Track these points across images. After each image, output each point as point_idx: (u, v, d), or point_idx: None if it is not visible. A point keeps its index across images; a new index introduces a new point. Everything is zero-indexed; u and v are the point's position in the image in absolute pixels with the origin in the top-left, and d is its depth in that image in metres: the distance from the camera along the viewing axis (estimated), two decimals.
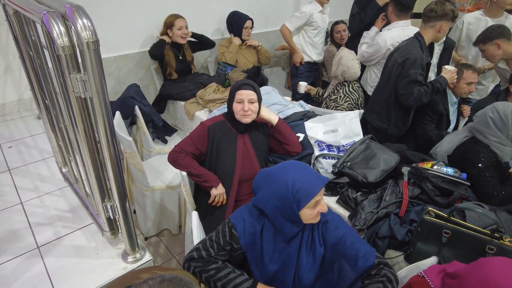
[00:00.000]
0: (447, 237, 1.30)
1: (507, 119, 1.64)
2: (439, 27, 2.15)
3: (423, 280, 1.06)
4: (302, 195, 1.09)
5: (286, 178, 1.11)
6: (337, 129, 1.81)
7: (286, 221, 1.15)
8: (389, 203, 1.52)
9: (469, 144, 1.79)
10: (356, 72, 2.51)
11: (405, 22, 2.57)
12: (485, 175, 1.65)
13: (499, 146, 1.69)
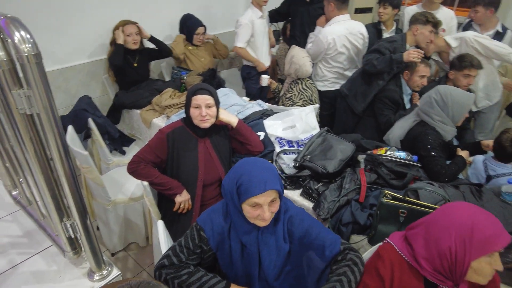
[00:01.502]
0: (404, 217, 1.39)
1: (447, 100, 1.82)
2: (414, 30, 2.44)
3: (388, 245, 1.15)
4: (243, 191, 1.10)
5: (240, 170, 1.14)
6: (295, 124, 1.86)
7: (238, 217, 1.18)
8: (349, 190, 1.59)
9: (418, 127, 1.94)
10: (308, 69, 2.59)
11: (344, 16, 2.68)
12: (434, 155, 1.80)
13: (442, 126, 1.86)
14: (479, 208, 1.02)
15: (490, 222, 0.96)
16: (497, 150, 1.92)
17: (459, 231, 0.97)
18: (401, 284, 1.10)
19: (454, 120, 1.86)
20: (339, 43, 2.65)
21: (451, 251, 0.98)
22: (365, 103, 2.54)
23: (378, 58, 2.37)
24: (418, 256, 1.07)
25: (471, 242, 0.95)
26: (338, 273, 1.14)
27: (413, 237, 1.11)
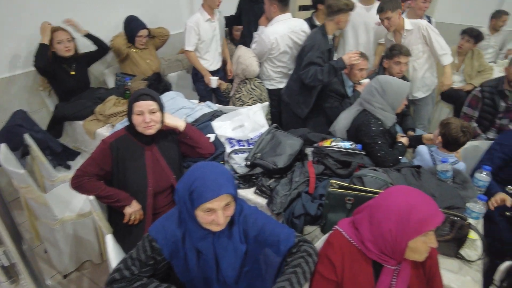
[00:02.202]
0: (350, 203, 1.45)
1: (386, 87, 1.94)
2: (337, 20, 2.48)
3: (337, 232, 1.20)
4: (196, 196, 1.09)
5: (193, 175, 1.12)
6: (243, 124, 1.87)
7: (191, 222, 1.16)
8: (299, 183, 1.63)
9: (361, 116, 2.04)
10: (255, 69, 2.60)
11: (285, 15, 2.72)
12: (377, 142, 1.90)
13: (383, 112, 1.97)
14: (416, 191, 1.09)
15: (425, 204, 1.04)
16: (448, 142, 1.92)
17: (398, 214, 1.03)
18: (351, 268, 1.15)
19: (394, 107, 1.98)
20: (282, 42, 2.68)
21: (391, 233, 1.05)
22: (308, 108, 2.66)
23: (321, 71, 2.38)
24: (364, 239, 1.13)
25: (408, 223, 1.01)
26: (293, 265, 1.16)
27: (359, 222, 1.16)
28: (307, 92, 2.61)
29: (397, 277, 1.10)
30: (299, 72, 2.53)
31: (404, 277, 1.10)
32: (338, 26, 2.53)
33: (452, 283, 1.32)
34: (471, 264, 1.39)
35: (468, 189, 1.70)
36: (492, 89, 2.51)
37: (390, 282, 1.11)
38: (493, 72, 3.52)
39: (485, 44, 4.16)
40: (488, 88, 2.53)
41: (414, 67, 2.86)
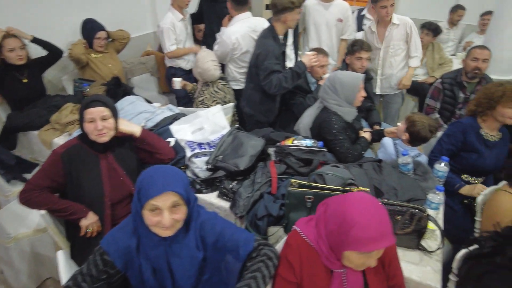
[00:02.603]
0: (310, 202, 1.44)
1: (335, 84, 1.96)
2: (284, 19, 2.31)
3: (294, 231, 1.18)
4: (142, 194, 1.06)
5: (142, 176, 1.10)
6: (203, 126, 1.82)
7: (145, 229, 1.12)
8: (261, 184, 1.60)
9: (322, 114, 2.04)
10: (214, 73, 2.53)
11: (244, 14, 2.69)
12: (339, 138, 1.90)
13: (340, 108, 1.98)
14: (375, 209, 1.02)
15: (373, 226, 0.97)
16: (415, 139, 1.96)
17: (342, 223, 1.00)
18: (309, 267, 1.13)
19: (349, 101, 1.98)
20: (243, 42, 2.65)
21: (332, 234, 1.04)
22: (274, 114, 2.58)
23: (284, 79, 2.27)
24: (319, 238, 1.11)
25: (347, 237, 0.98)
26: (252, 269, 1.13)
27: (318, 219, 1.15)
28: (269, 99, 2.50)
29: (347, 281, 1.09)
30: (258, 82, 2.37)
31: (353, 279, 1.09)
32: (286, 26, 2.37)
33: (413, 275, 1.32)
34: (431, 254, 1.41)
35: (429, 180, 1.73)
36: (451, 80, 2.58)
37: (342, 285, 1.10)
38: (452, 64, 3.63)
39: (445, 37, 4.30)
40: (448, 80, 2.60)
41: (391, 63, 2.92)
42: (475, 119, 1.99)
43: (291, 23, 2.37)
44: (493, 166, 1.98)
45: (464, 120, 2.05)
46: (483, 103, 1.92)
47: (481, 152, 1.94)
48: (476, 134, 1.96)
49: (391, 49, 2.87)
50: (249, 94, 2.57)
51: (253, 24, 2.64)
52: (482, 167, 1.97)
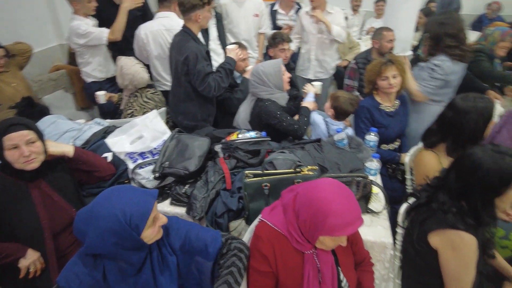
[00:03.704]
0: (267, 189, 1.48)
1: (260, 75, 2.09)
2: (195, 18, 2.18)
3: (262, 223, 1.21)
4: (137, 220, 1.02)
5: (113, 210, 1.00)
6: (142, 135, 1.74)
7: (131, 251, 1.05)
8: (215, 182, 1.60)
9: (258, 105, 2.12)
10: (144, 76, 2.42)
11: (164, 13, 2.65)
12: (283, 118, 2.05)
13: (272, 96, 2.11)
14: (344, 193, 1.08)
15: (346, 212, 1.04)
16: (339, 113, 2.18)
17: (316, 212, 1.06)
18: (282, 254, 1.17)
19: (279, 87, 2.13)
20: (152, 37, 2.60)
21: (306, 223, 1.09)
22: (214, 114, 2.53)
23: (221, 79, 2.23)
24: (289, 223, 1.16)
25: (322, 225, 1.04)
26: (227, 265, 1.14)
27: (286, 206, 1.19)
28: (207, 103, 2.42)
29: (318, 259, 1.17)
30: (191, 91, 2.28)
31: (324, 258, 1.16)
32: (200, 25, 2.24)
33: (368, 236, 1.46)
34: (379, 215, 1.57)
35: (363, 151, 1.90)
36: (364, 60, 2.86)
37: (316, 265, 1.17)
38: (360, 46, 4.02)
39: (351, 23, 4.73)
40: (361, 60, 2.88)
41: (324, 49, 3.16)
42: (373, 97, 2.20)
43: (204, 22, 2.25)
44: (400, 130, 2.25)
45: (364, 102, 2.22)
46: (369, 81, 2.16)
47: (387, 124, 2.16)
48: (378, 110, 2.17)
49: (324, 35, 3.08)
50: (184, 108, 2.39)
51: (168, 24, 2.60)
52: (391, 135, 2.21)
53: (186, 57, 2.17)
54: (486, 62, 2.85)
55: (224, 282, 1.09)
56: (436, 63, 2.21)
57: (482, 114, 1.57)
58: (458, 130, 1.61)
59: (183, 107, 2.38)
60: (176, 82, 2.35)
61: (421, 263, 1.36)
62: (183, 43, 2.20)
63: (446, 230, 1.24)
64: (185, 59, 2.17)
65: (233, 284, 1.10)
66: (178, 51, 2.22)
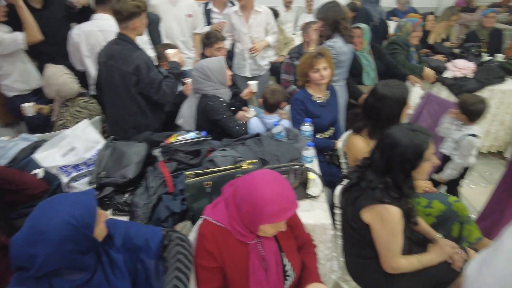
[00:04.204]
0: (210, 187, 1.50)
1: (205, 71, 2.14)
2: (133, 26, 2.07)
3: (204, 221, 1.23)
4: (88, 218, 1.02)
5: (62, 218, 0.98)
6: (74, 146, 1.66)
7: (86, 255, 1.04)
8: (156, 187, 1.58)
9: (203, 101, 2.18)
10: (72, 87, 2.28)
11: (100, 15, 2.56)
12: (226, 116, 2.13)
13: (217, 91, 2.17)
14: (279, 181, 1.14)
15: (281, 198, 1.10)
16: (265, 104, 2.33)
17: (254, 203, 1.11)
18: (227, 249, 1.20)
19: (223, 82, 2.22)
20: (84, 37, 2.52)
21: (247, 215, 1.14)
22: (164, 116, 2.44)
23: (172, 84, 2.14)
24: (231, 218, 1.19)
25: (262, 214, 1.10)
26: (173, 255, 1.17)
27: (227, 201, 1.22)
28: (158, 111, 2.26)
29: (262, 247, 1.22)
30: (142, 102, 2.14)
31: (268, 245, 1.22)
32: (137, 32, 2.12)
33: (309, 220, 1.55)
34: (317, 198, 1.67)
35: (300, 141, 2.00)
36: (297, 54, 2.98)
37: (260, 254, 1.22)
38: (294, 42, 4.18)
39: (284, 19, 4.89)
40: (295, 54, 2.99)
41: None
42: (305, 90, 2.32)
43: (141, 29, 2.14)
44: (332, 119, 2.40)
45: (298, 94, 2.32)
46: (302, 74, 2.27)
47: (320, 114, 2.28)
48: (311, 102, 2.28)
49: (256, 34, 3.14)
50: (136, 122, 2.18)
51: (103, 25, 2.51)
52: (325, 124, 2.34)
53: (136, 67, 2.03)
54: (400, 54, 3.15)
55: (175, 269, 1.11)
56: (328, 44, 2.50)
57: (397, 100, 1.73)
58: (377, 114, 1.76)
59: (135, 121, 2.19)
60: (123, 94, 2.13)
61: (359, 238, 1.48)
62: (128, 52, 2.06)
63: (375, 205, 1.36)
64: (136, 69, 2.04)
65: (184, 269, 1.13)
66: (124, 61, 2.05)
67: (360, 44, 2.88)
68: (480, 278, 0.81)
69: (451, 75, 3.31)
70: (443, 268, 1.51)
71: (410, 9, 5.50)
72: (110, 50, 2.11)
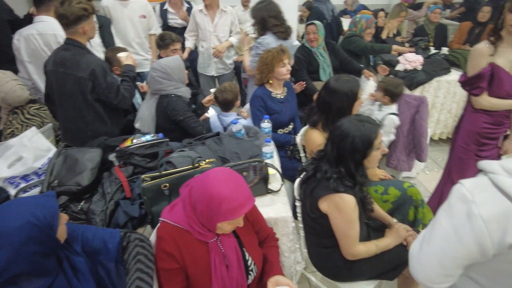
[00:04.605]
0: (168, 189, 1.48)
1: (166, 69, 2.13)
2: (82, 30, 1.94)
3: (162, 223, 1.22)
4: (51, 218, 1.00)
5: (24, 218, 0.95)
6: (21, 156, 1.57)
7: (48, 257, 1.01)
8: (113, 193, 1.53)
9: (164, 101, 2.17)
10: (21, 94, 2.16)
11: (39, 17, 2.46)
12: (188, 116, 2.14)
13: (178, 90, 2.18)
14: (233, 178, 1.15)
15: (237, 195, 1.11)
16: (220, 104, 2.37)
17: (210, 202, 1.11)
18: (188, 249, 1.19)
19: (182, 81, 2.24)
20: (24, 42, 2.40)
21: (203, 213, 1.14)
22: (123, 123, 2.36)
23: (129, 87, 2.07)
24: (189, 219, 1.18)
25: (218, 212, 1.10)
26: (133, 255, 1.15)
27: (184, 201, 1.21)
28: (116, 116, 2.18)
29: (222, 245, 1.23)
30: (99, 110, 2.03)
31: (228, 242, 1.23)
32: (87, 36, 2.00)
33: (270, 214, 1.57)
34: (278, 193, 1.69)
35: (260, 138, 2.02)
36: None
37: (220, 251, 1.22)
38: (253, 41, 4.21)
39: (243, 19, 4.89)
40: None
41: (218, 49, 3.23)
42: (264, 87, 2.35)
43: (91, 32, 2.02)
44: (291, 115, 2.45)
45: (256, 92, 2.35)
46: (264, 70, 2.29)
47: (280, 110, 2.33)
48: (270, 98, 2.33)
49: (221, 33, 3.14)
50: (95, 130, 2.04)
51: (42, 28, 2.40)
52: (285, 120, 2.39)
53: (91, 73, 1.92)
54: (362, 41, 3.28)
55: (137, 270, 1.10)
56: (258, 41, 2.65)
57: (347, 94, 1.80)
58: (328, 107, 1.83)
59: (94, 129, 2.06)
60: (78, 103, 2.00)
61: (318, 228, 1.53)
62: (80, 57, 1.94)
63: (330, 195, 1.41)
64: (91, 74, 1.93)
65: (146, 269, 1.12)
66: (77, 67, 1.93)
67: (316, 41, 2.96)
68: (421, 255, 0.86)
69: (402, 68, 3.48)
70: (399, 251, 1.59)
71: (359, 6, 5.72)
72: (59, 57, 1.97)
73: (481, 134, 2.07)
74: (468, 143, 2.13)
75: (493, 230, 0.69)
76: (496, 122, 2.03)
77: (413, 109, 2.71)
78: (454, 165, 2.26)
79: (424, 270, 0.85)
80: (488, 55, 1.87)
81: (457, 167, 2.23)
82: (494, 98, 1.95)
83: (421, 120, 2.69)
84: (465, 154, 2.16)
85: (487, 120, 2.03)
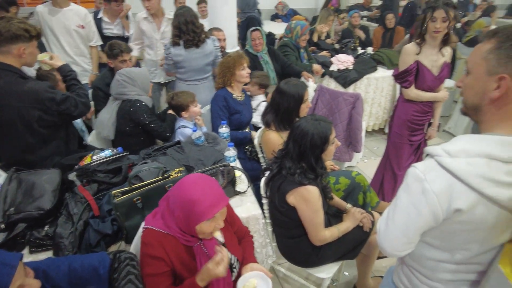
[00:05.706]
0: (140, 202, 1.48)
1: (131, 75, 2.24)
2: (17, 52, 1.73)
3: (147, 230, 1.25)
4: None
5: None
6: None
7: None
8: (80, 213, 1.48)
9: (126, 106, 2.22)
10: None
11: None
12: (152, 121, 2.22)
13: (141, 97, 2.25)
14: (204, 182, 1.21)
15: (208, 196, 1.17)
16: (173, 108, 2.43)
17: (184, 206, 1.17)
18: (174, 253, 1.23)
19: (146, 90, 2.33)
20: None
21: (180, 219, 1.19)
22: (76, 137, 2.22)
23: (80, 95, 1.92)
24: (169, 228, 1.22)
25: (193, 214, 1.16)
26: (123, 275, 1.14)
27: (164, 211, 1.25)
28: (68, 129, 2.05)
29: (206, 248, 1.28)
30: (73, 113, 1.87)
31: (211, 245, 1.28)
32: (23, 61, 1.79)
33: (242, 214, 1.65)
34: (245, 193, 1.79)
35: (220, 143, 2.09)
36: None
37: (205, 254, 1.27)
38: None
39: None
40: None
41: None
42: (225, 89, 2.45)
43: (29, 59, 1.80)
44: (250, 116, 2.59)
45: (219, 92, 2.45)
46: (226, 73, 2.40)
47: (241, 110, 2.46)
48: (232, 100, 2.44)
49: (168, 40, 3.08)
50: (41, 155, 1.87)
51: None
52: (245, 120, 2.52)
53: (36, 101, 1.74)
54: (292, 55, 3.51)
55: None
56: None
57: (293, 95, 1.97)
58: (278, 108, 2.00)
59: (41, 155, 1.88)
60: (20, 133, 1.80)
61: (287, 220, 1.65)
62: (17, 86, 1.72)
63: (297, 188, 1.54)
64: (37, 103, 1.74)
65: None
66: (17, 97, 1.71)
67: (261, 45, 3.12)
68: (387, 231, 1.02)
69: (336, 68, 3.81)
70: (357, 232, 1.79)
71: (289, 11, 6.05)
72: None
73: (412, 121, 2.43)
74: (402, 129, 2.48)
75: (443, 200, 0.86)
76: (422, 111, 2.40)
77: (350, 106, 3.01)
78: (391, 149, 2.59)
79: (391, 242, 1.01)
80: (414, 54, 2.24)
81: (394, 150, 2.57)
82: (419, 90, 2.30)
83: (357, 115, 3.00)
84: (400, 139, 2.52)
85: (415, 109, 2.39)
